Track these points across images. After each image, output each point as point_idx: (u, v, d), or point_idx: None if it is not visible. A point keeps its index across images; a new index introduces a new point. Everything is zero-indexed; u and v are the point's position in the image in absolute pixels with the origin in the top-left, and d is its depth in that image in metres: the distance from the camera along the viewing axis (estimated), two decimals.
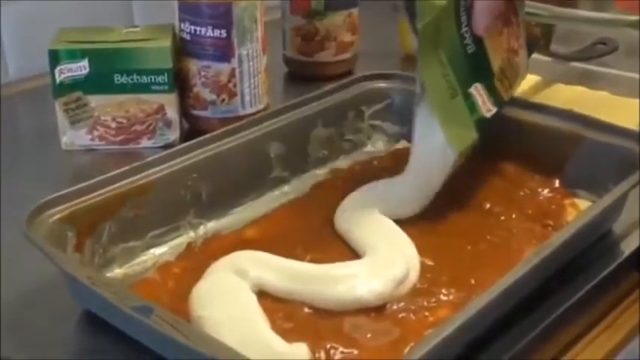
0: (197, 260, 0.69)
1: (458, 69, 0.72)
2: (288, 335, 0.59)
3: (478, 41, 0.73)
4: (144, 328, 0.55)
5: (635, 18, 1.18)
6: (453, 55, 0.72)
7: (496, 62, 0.75)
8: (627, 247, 0.73)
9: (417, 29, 0.70)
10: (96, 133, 0.90)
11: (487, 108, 0.74)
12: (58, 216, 0.66)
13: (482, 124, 0.74)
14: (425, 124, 0.74)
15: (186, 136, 0.92)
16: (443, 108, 0.72)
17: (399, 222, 0.73)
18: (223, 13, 0.88)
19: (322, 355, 0.58)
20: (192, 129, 0.93)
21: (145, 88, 0.89)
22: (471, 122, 0.73)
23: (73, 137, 0.91)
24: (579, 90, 1.01)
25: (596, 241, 0.72)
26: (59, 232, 0.65)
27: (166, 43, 0.89)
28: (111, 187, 0.69)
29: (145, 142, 0.91)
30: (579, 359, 0.66)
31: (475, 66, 0.74)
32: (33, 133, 0.97)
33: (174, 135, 0.91)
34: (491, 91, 0.75)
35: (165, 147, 0.89)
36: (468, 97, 0.73)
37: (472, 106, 0.73)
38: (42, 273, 0.67)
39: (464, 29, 0.72)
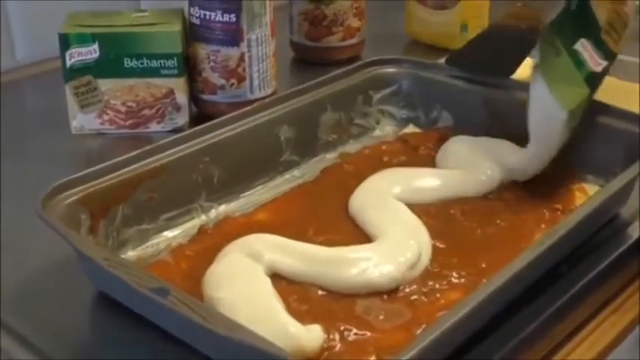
0: (209, 243, 0.69)
1: (561, 28, 0.74)
2: (302, 317, 0.60)
3: None
4: (161, 310, 0.56)
5: (636, 3, 1.19)
6: (557, 15, 0.74)
7: (602, 15, 0.76)
8: (635, 231, 0.73)
9: None
10: (106, 117, 0.91)
11: (595, 62, 0.75)
12: (72, 198, 0.66)
13: (594, 79, 0.75)
14: (537, 90, 0.75)
15: (194, 120, 0.92)
16: (548, 68, 0.74)
17: (411, 207, 0.73)
18: None
19: (336, 336, 0.59)
20: (201, 113, 0.94)
21: (154, 73, 0.89)
22: (580, 78, 0.74)
23: (83, 121, 0.91)
24: None
25: (603, 225, 0.73)
26: (73, 214, 0.66)
27: (176, 27, 0.89)
28: (124, 170, 0.70)
29: (154, 127, 0.92)
30: (589, 340, 0.66)
31: (580, 22, 0.75)
32: (42, 118, 0.97)
33: (183, 119, 0.92)
34: (599, 45, 0.75)
35: (175, 131, 0.89)
36: (573, 54, 0.74)
37: (579, 63, 0.74)
38: (53, 256, 0.69)
39: None
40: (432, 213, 0.73)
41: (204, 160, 0.75)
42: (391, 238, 0.68)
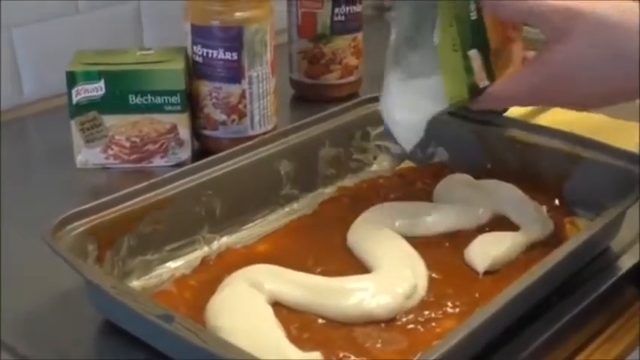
0: (212, 273, 0.71)
1: (461, 27, 0.73)
2: (303, 344, 0.62)
3: (479, 12, 0.74)
4: (166, 336, 0.58)
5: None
6: (459, 13, 0.73)
7: (493, 41, 0.76)
8: (625, 264, 0.75)
9: None
10: (110, 152, 0.93)
11: (481, 77, 0.75)
12: (80, 229, 0.69)
13: (474, 92, 0.75)
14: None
15: (196, 155, 0.94)
16: (446, 57, 0.74)
17: (408, 239, 0.75)
18: (235, 37, 0.91)
19: None
20: (203, 148, 0.96)
21: (158, 109, 0.92)
22: (465, 84, 0.74)
23: (88, 156, 0.93)
24: (577, 113, 1.03)
25: (595, 257, 0.75)
26: (81, 245, 0.68)
27: (179, 65, 0.92)
28: (130, 202, 0.72)
29: (157, 161, 0.94)
30: None
31: (476, 33, 0.74)
32: (48, 153, 1.00)
33: (185, 154, 0.94)
34: (487, 64, 0.75)
35: (177, 166, 0.92)
36: (466, 58, 0.74)
37: (468, 69, 0.74)
38: (59, 285, 0.71)
39: None
40: (428, 245, 0.75)
41: (206, 193, 0.77)
42: (388, 269, 0.70)
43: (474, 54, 0.74)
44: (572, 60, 0.69)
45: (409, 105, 0.77)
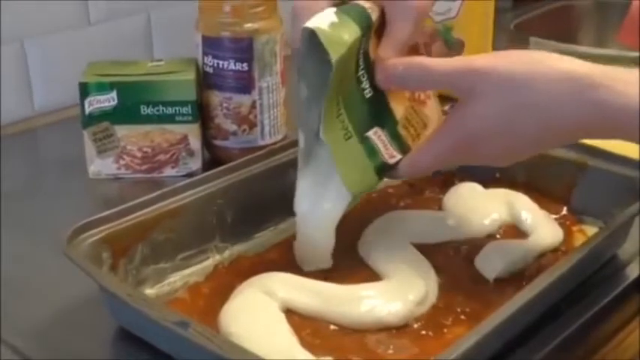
0: (224, 281, 0.72)
1: (353, 111, 0.70)
2: (315, 350, 0.63)
3: (377, 87, 0.71)
4: (182, 342, 0.58)
5: (637, 54, 1.22)
6: (349, 97, 0.69)
7: (399, 110, 0.73)
8: (632, 272, 0.76)
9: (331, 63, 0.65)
10: (122, 162, 0.94)
11: (390, 154, 0.72)
12: (95, 238, 0.69)
13: (386, 170, 0.72)
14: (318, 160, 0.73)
15: (207, 165, 0.95)
16: (339, 149, 0.70)
17: (418, 247, 0.76)
18: (245, 48, 0.92)
19: None
20: (213, 158, 0.97)
21: (169, 119, 0.93)
22: (371, 168, 0.71)
23: (100, 166, 0.94)
24: None
25: (602, 265, 0.75)
26: (96, 253, 0.69)
27: (191, 76, 0.93)
28: (144, 211, 0.73)
29: (168, 171, 0.95)
30: None
31: (374, 110, 0.71)
32: (60, 163, 1.01)
33: (196, 164, 0.95)
34: (395, 138, 0.72)
35: (188, 176, 0.92)
36: (365, 140, 0.70)
37: (372, 151, 0.71)
38: (74, 293, 0.72)
39: (360, 72, 0.70)
40: (438, 253, 0.76)
41: (218, 202, 0.77)
42: (399, 276, 0.71)
43: (374, 133, 0.71)
44: (480, 120, 0.67)
45: (321, 206, 0.73)
